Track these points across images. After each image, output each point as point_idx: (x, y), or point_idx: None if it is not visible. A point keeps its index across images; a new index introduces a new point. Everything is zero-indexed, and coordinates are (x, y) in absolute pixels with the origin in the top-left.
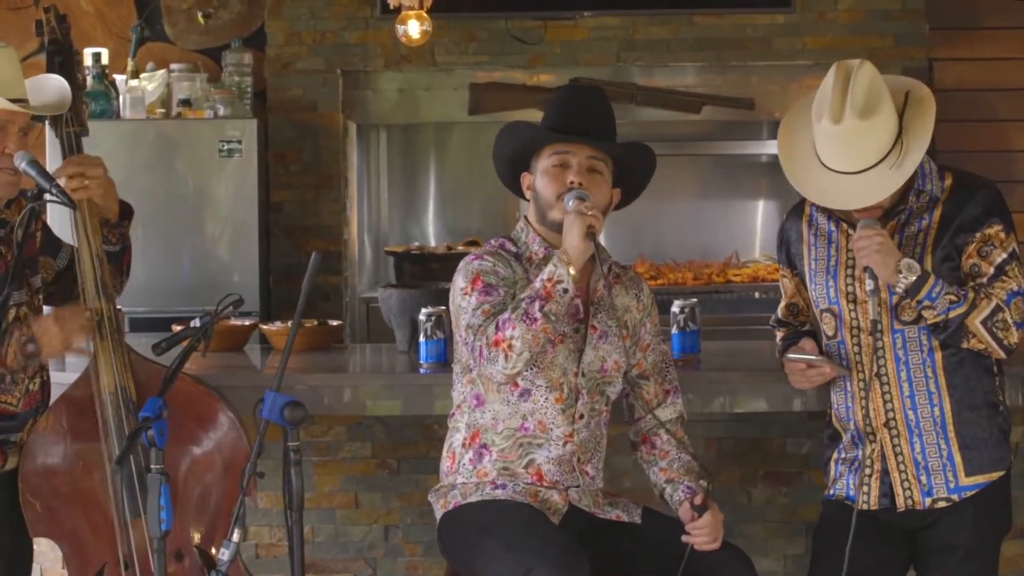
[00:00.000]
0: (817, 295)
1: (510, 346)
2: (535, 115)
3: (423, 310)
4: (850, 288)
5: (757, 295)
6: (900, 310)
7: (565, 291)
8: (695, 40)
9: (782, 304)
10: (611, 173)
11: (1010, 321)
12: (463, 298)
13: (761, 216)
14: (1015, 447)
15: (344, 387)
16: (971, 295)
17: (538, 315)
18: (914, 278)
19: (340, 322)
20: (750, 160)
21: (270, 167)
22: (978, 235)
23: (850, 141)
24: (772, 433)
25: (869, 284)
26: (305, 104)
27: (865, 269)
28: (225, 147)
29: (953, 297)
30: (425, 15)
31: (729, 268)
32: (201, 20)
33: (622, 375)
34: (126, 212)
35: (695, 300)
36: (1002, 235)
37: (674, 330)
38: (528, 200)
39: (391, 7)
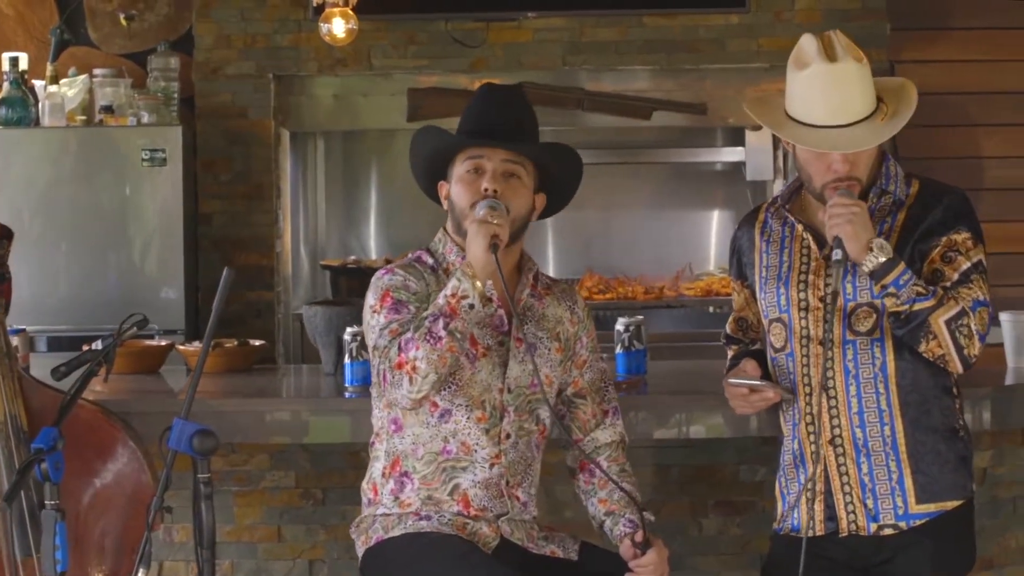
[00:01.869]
0: (767, 304)
1: (414, 368)
2: None
3: (348, 329)
4: (802, 296)
5: (711, 309)
6: (854, 319)
7: (471, 306)
8: (645, 42)
9: (731, 318)
10: (533, 177)
11: (973, 329)
12: (372, 316)
13: (716, 227)
14: (981, 474)
15: (263, 413)
16: (940, 291)
17: (442, 334)
18: (884, 259)
19: (263, 342)
20: (704, 168)
21: (198, 177)
22: (943, 240)
23: (847, 82)
24: (724, 459)
25: (836, 254)
26: (235, 110)
27: (834, 239)
28: (148, 156)
29: (921, 289)
30: (351, 12)
31: (681, 282)
32: (124, 23)
33: (555, 391)
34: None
35: (641, 317)
36: (969, 243)
37: (618, 349)
38: (446, 210)
39: (314, 4)
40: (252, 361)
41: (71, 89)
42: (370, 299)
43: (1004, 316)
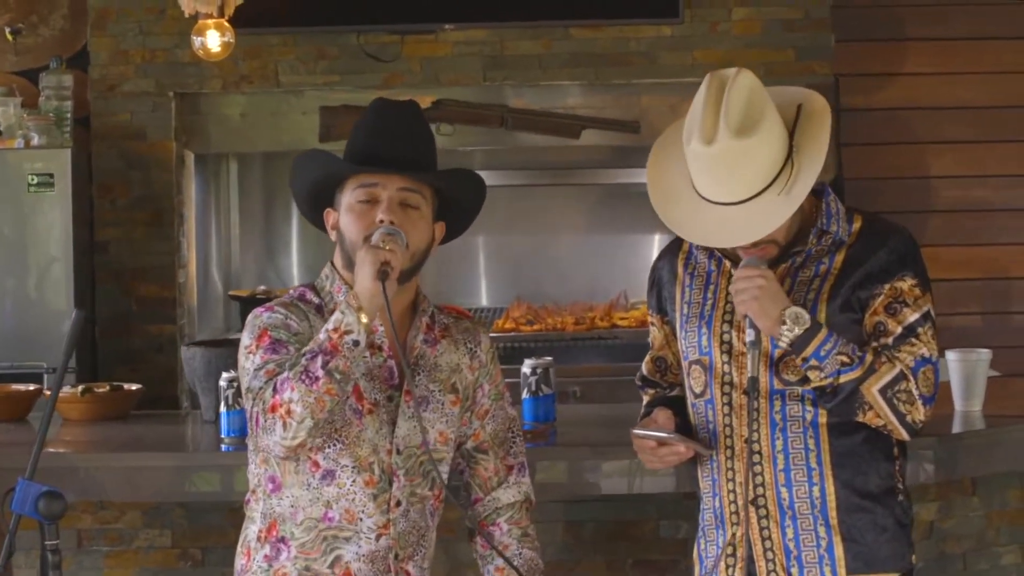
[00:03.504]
0: (687, 344)
1: (288, 412)
2: None
3: (224, 374)
4: (726, 337)
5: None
6: (782, 367)
7: (355, 343)
8: (571, 55)
9: (648, 357)
10: (431, 206)
11: (915, 393)
12: (246, 358)
13: (654, 251)
14: (928, 528)
15: (131, 467)
16: (869, 358)
17: (320, 373)
18: (801, 331)
19: (139, 386)
20: (638, 189)
21: (94, 202)
22: (887, 288)
23: (727, 165)
24: (644, 515)
25: (749, 334)
26: (133, 131)
27: (745, 317)
28: (36, 180)
29: (845, 358)
30: (226, 24)
31: (615, 311)
32: (9, 37)
33: (452, 449)
34: None
35: (549, 359)
36: (916, 291)
37: (525, 395)
38: (334, 241)
39: (186, 15)
40: (128, 407)
41: None
42: (245, 339)
43: (951, 355)
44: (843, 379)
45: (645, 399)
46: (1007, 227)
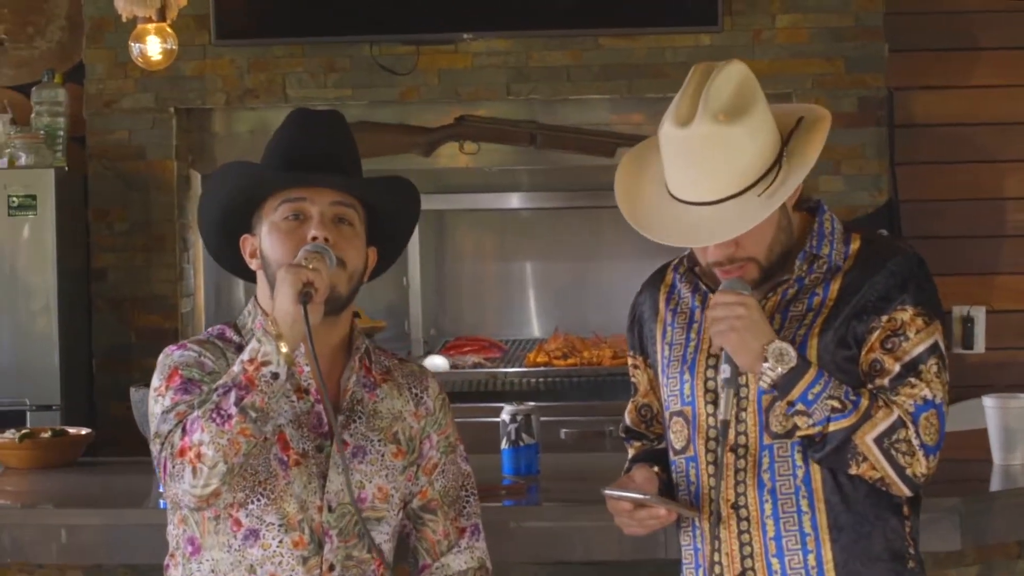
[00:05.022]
0: (669, 392)
1: (198, 455)
2: (411, 160)
3: None
4: (711, 384)
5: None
6: (771, 417)
7: (275, 376)
8: (602, 67)
9: (631, 405)
10: (364, 226)
11: (915, 443)
12: (155, 400)
13: None
14: None
15: (59, 525)
16: (864, 403)
17: (233, 410)
18: (785, 370)
19: (87, 431)
20: None
21: (91, 226)
22: (884, 320)
23: (701, 153)
24: None
25: (724, 371)
26: (132, 150)
27: (720, 352)
28: (16, 203)
29: (837, 403)
30: (168, 29)
31: None
32: None
33: (396, 508)
34: None
35: (532, 405)
36: (919, 321)
37: (504, 445)
38: (255, 271)
39: (123, 19)
40: (75, 454)
41: None
42: (155, 380)
43: (988, 401)
44: (833, 427)
45: (630, 452)
46: None
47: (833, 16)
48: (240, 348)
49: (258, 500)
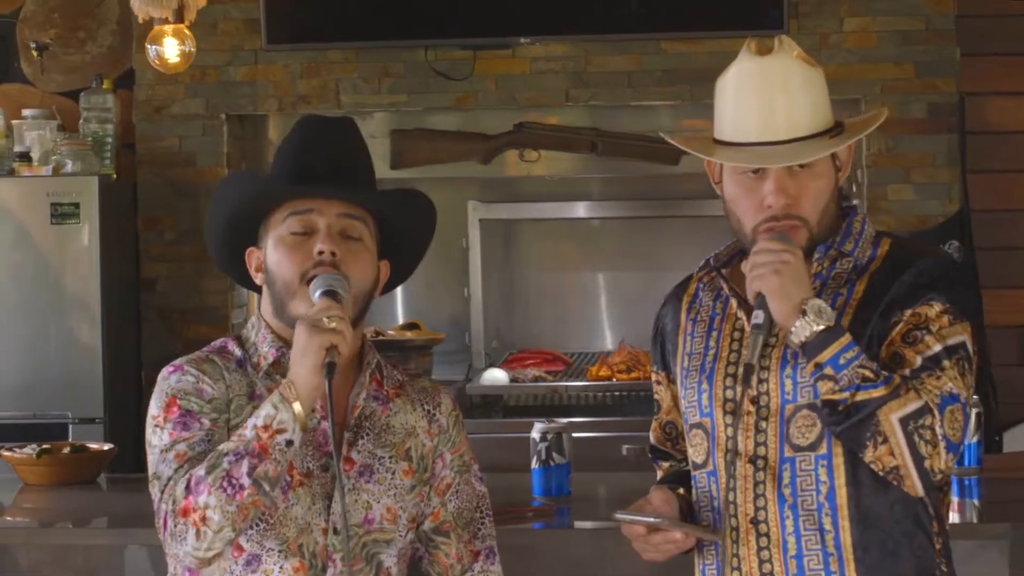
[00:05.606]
0: (687, 404)
1: (204, 519)
2: (470, 168)
3: None
4: (729, 394)
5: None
6: (793, 428)
7: (289, 443)
8: (664, 72)
9: (655, 423)
10: (375, 239)
11: (939, 433)
12: (153, 431)
13: None
14: None
15: (65, 545)
16: (896, 380)
17: (245, 481)
18: (820, 328)
19: (110, 446)
20: None
21: (140, 235)
22: (908, 314)
23: (782, 84)
24: None
25: (756, 316)
26: (182, 157)
27: (756, 296)
28: (58, 211)
29: (869, 374)
30: (187, 31)
31: None
32: (34, 54)
33: (404, 530)
34: None
35: (564, 423)
36: (945, 319)
37: (534, 464)
38: (260, 285)
39: (140, 20)
40: (95, 470)
41: None
42: (153, 407)
43: None
44: (861, 396)
45: (658, 474)
46: None
47: (903, 19)
48: (241, 363)
49: (258, 524)
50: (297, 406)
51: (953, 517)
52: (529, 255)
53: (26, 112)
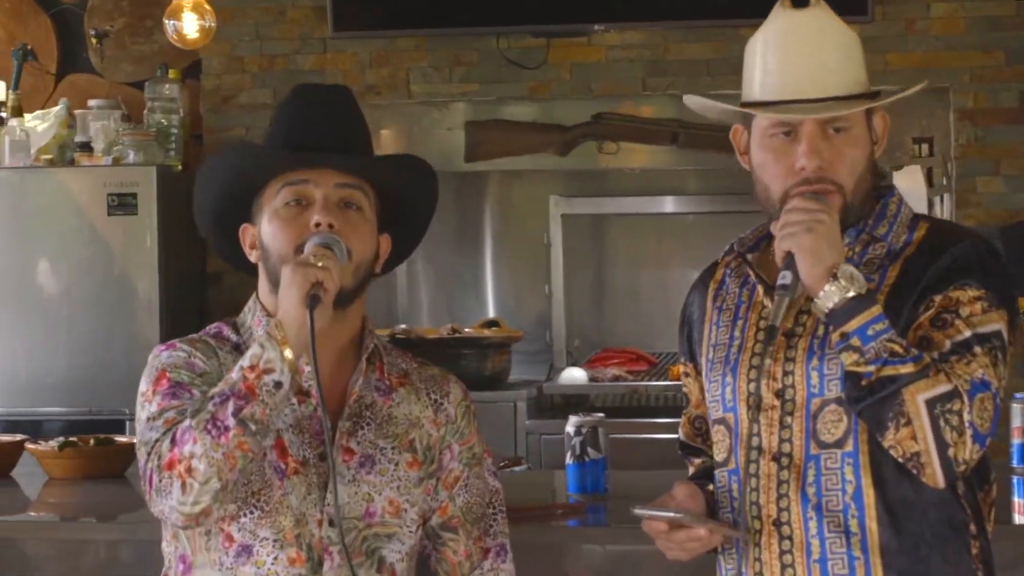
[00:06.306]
0: (711, 398)
1: (189, 469)
2: (547, 161)
3: None
4: (752, 387)
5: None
6: (820, 423)
7: (277, 385)
8: (743, 60)
9: (684, 417)
10: (374, 210)
11: (967, 420)
12: (142, 407)
13: None
14: None
15: (70, 541)
16: (926, 359)
17: (230, 422)
18: (851, 295)
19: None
20: None
21: None
22: (938, 299)
23: (818, 39)
24: None
25: (784, 277)
26: None
27: (785, 256)
28: (115, 201)
29: (898, 348)
30: (207, 6)
31: None
32: (93, 41)
33: (411, 524)
34: None
35: (600, 416)
36: (979, 305)
37: (568, 459)
38: (256, 264)
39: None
40: (122, 464)
41: (43, 122)
42: (142, 385)
43: None
44: (888, 371)
45: (690, 471)
46: None
47: (992, 4)
48: (237, 348)
49: (251, 513)
50: (288, 352)
51: (1017, 519)
52: (613, 251)
53: (91, 102)
